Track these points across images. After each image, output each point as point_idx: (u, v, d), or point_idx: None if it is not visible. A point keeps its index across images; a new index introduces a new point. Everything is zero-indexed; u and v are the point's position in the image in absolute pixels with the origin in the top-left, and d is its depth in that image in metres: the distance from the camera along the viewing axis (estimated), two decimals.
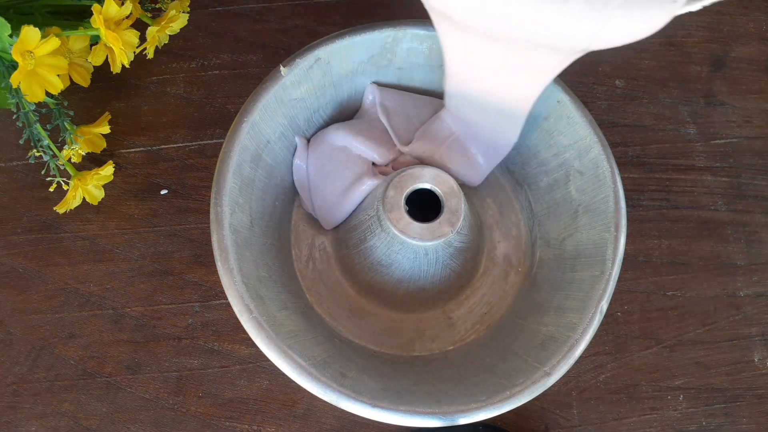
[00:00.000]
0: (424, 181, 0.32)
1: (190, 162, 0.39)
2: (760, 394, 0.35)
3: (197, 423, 0.34)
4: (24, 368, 0.35)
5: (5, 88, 0.33)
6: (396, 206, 0.31)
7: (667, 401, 0.35)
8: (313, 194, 0.35)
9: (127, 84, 0.41)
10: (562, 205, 0.34)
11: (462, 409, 0.26)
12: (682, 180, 0.40)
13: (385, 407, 0.26)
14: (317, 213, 0.35)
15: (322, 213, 0.35)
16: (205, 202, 0.38)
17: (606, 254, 0.30)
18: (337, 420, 0.34)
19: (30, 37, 0.30)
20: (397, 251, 0.31)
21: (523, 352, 0.30)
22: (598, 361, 0.35)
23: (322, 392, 0.26)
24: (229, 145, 0.30)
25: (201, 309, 0.36)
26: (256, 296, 0.28)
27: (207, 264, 0.37)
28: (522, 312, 0.33)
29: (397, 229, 0.30)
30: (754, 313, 0.37)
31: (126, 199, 0.38)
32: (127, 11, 0.33)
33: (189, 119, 0.40)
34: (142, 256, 0.37)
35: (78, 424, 0.34)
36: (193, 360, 0.35)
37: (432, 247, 0.31)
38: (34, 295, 0.36)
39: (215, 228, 0.28)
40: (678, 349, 0.36)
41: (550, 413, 0.34)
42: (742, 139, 0.42)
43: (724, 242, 0.39)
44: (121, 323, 0.36)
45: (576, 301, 0.30)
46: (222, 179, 0.29)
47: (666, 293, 0.37)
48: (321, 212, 0.35)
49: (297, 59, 0.31)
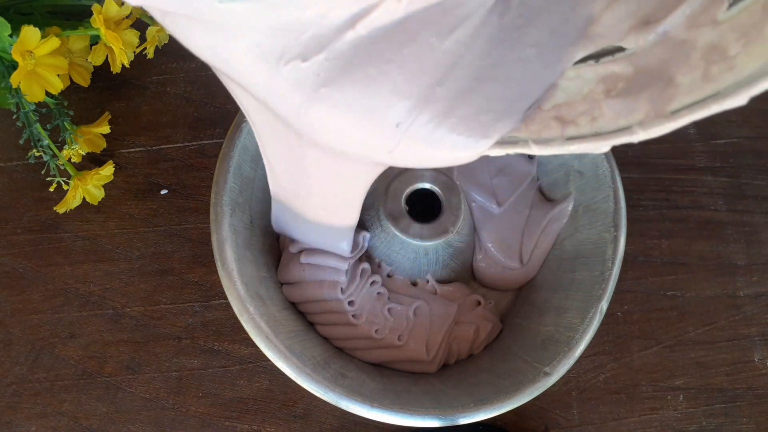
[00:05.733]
0: (424, 181, 0.32)
1: (190, 162, 0.39)
2: (760, 394, 0.35)
3: (197, 423, 0.34)
4: (24, 368, 0.35)
5: (5, 88, 0.33)
6: (396, 206, 0.31)
7: (667, 401, 0.35)
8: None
9: (127, 84, 0.41)
10: None
11: (462, 409, 0.26)
12: (682, 180, 0.40)
13: (385, 407, 0.26)
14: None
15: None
16: (205, 202, 0.38)
17: (606, 254, 0.30)
18: (337, 420, 0.34)
19: (30, 37, 0.30)
20: (396, 251, 0.31)
21: (523, 352, 0.30)
22: (598, 361, 0.35)
23: (322, 392, 0.26)
24: (229, 145, 0.30)
25: (201, 309, 0.36)
26: (256, 296, 0.28)
27: (207, 264, 0.37)
28: (522, 312, 0.33)
29: (397, 229, 0.30)
30: (754, 313, 0.37)
31: (126, 199, 0.38)
32: (127, 11, 0.33)
33: (189, 119, 0.40)
34: (142, 256, 0.37)
35: (78, 424, 0.34)
36: (193, 360, 0.35)
37: (432, 247, 0.31)
38: (34, 295, 0.36)
39: (215, 228, 0.28)
40: (678, 349, 0.36)
41: (550, 413, 0.34)
42: (742, 139, 0.42)
43: (724, 242, 0.39)
44: (121, 323, 0.36)
45: (576, 301, 0.30)
46: (222, 179, 0.29)
47: (666, 293, 0.37)
48: None
49: None
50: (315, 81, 0.18)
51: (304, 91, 0.18)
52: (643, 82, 0.18)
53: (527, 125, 0.19)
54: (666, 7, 0.17)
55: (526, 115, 0.19)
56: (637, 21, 0.18)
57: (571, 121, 0.19)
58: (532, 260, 0.34)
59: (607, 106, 0.18)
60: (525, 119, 0.19)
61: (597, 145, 0.18)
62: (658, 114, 0.17)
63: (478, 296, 0.33)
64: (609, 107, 0.18)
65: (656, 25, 0.17)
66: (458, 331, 0.32)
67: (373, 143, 0.19)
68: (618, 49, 0.19)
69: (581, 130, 0.19)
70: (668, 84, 0.17)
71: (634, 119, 0.17)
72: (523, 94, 0.19)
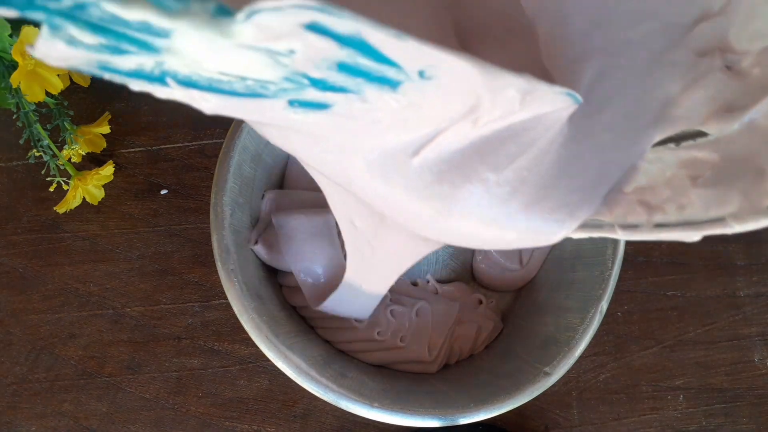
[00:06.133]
0: None
1: (190, 162, 0.39)
2: (760, 394, 0.35)
3: (197, 423, 0.34)
4: (24, 368, 0.35)
5: (5, 88, 0.33)
6: None
7: (667, 401, 0.35)
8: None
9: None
10: None
11: (462, 410, 0.26)
12: None
13: (385, 407, 0.26)
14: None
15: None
16: (205, 202, 0.38)
17: (606, 254, 0.30)
18: (337, 420, 0.34)
19: (30, 37, 0.30)
20: None
21: (523, 352, 0.30)
22: (598, 361, 0.35)
23: (322, 392, 0.26)
24: (229, 145, 0.30)
25: (201, 309, 0.36)
26: (256, 296, 0.28)
27: (207, 264, 0.37)
28: (522, 312, 0.33)
29: None
30: (754, 313, 0.37)
31: (126, 199, 0.38)
32: None
33: (189, 119, 0.40)
34: (142, 256, 0.37)
35: (78, 424, 0.34)
36: (193, 360, 0.35)
37: None
38: (34, 295, 0.36)
39: (215, 228, 0.28)
40: (678, 349, 0.36)
41: (550, 413, 0.34)
42: None
43: (724, 242, 0.39)
44: (121, 323, 0.36)
45: (576, 302, 0.30)
46: (222, 179, 0.29)
47: (666, 293, 0.37)
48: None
49: None
50: (439, 191, 0.18)
51: (436, 206, 0.18)
52: (732, 172, 0.17)
53: (611, 209, 0.19)
54: (750, 95, 0.17)
55: (608, 199, 0.19)
56: (719, 107, 0.17)
57: (658, 207, 0.18)
58: (532, 261, 0.34)
59: (696, 195, 0.18)
60: (608, 203, 0.19)
61: (688, 234, 0.18)
62: (754, 209, 0.16)
63: (480, 295, 0.33)
64: (698, 197, 0.18)
65: (741, 113, 0.17)
66: (460, 331, 0.32)
67: (493, 240, 0.20)
68: (699, 133, 0.18)
69: (669, 218, 0.18)
70: (760, 176, 0.16)
71: (727, 211, 0.17)
72: (601, 179, 0.19)
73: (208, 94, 0.14)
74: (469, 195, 0.18)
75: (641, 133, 0.19)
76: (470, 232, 0.19)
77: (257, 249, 0.31)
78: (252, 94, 0.14)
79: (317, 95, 0.15)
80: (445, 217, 0.18)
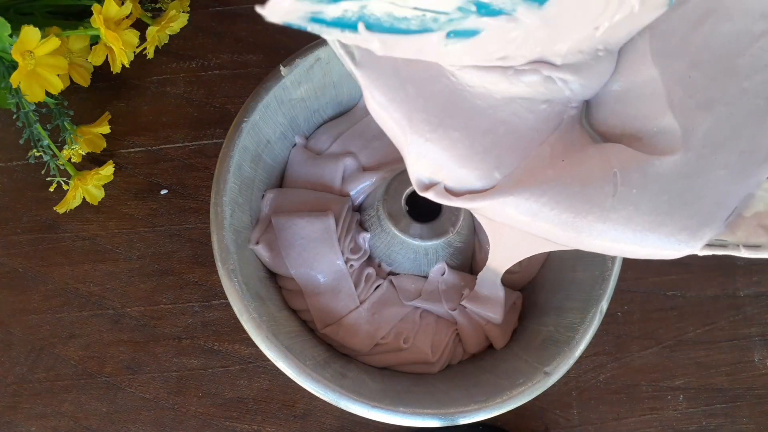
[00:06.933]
0: None
1: (190, 162, 0.39)
2: (760, 394, 0.35)
3: (197, 423, 0.34)
4: (24, 368, 0.35)
5: (5, 88, 0.33)
6: (396, 206, 0.31)
7: (667, 401, 0.35)
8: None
9: (127, 84, 0.41)
10: None
11: (462, 410, 0.26)
12: None
13: (385, 407, 0.26)
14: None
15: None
16: (205, 202, 0.38)
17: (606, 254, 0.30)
18: (337, 420, 0.34)
19: (30, 37, 0.30)
20: (397, 251, 0.31)
21: (523, 352, 0.30)
22: (598, 361, 0.35)
23: (322, 392, 0.26)
24: (229, 145, 0.30)
25: (201, 309, 0.36)
26: (256, 296, 0.28)
27: (207, 264, 0.37)
28: (522, 312, 0.33)
29: (398, 229, 0.30)
30: (754, 313, 0.37)
31: (126, 199, 0.38)
32: (127, 11, 0.33)
33: (189, 119, 0.40)
34: (142, 256, 0.37)
35: (78, 424, 0.34)
36: (193, 360, 0.35)
37: (432, 247, 0.31)
38: (34, 295, 0.36)
39: (215, 228, 0.28)
40: (678, 349, 0.36)
41: (550, 413, 0.34)
42: None
43: None
44: (121, 323, 0.36)
45: (576, 302, 0.30)
46: (222, 179, 0.29)
47: (666, 293, 0.37)
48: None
49: (297, 59, 0.31)
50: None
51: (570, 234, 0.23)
52: None
53: (733, 231, 0.22)
54: None
55: (730, 222, 0.22)
56: None
57: None
58: (532, 262, 0.34)
59: None
60: (729, 225, 0.22)
61: None
62: None
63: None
64: None
65: None
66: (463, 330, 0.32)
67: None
68: None
69: None
70: None
71: None
72: (720, 206, 0.22)
73: (385, 36, 0.17)
74: (589, 225, 0.22)
75: (756, 167, 0.21)
76: (602, 247, 0.23)
77: (258, 250, 0.31)
78: (422, 30, 0.18)
79: (474, 23, 0.18)
80: (575, 243, 0.23)
